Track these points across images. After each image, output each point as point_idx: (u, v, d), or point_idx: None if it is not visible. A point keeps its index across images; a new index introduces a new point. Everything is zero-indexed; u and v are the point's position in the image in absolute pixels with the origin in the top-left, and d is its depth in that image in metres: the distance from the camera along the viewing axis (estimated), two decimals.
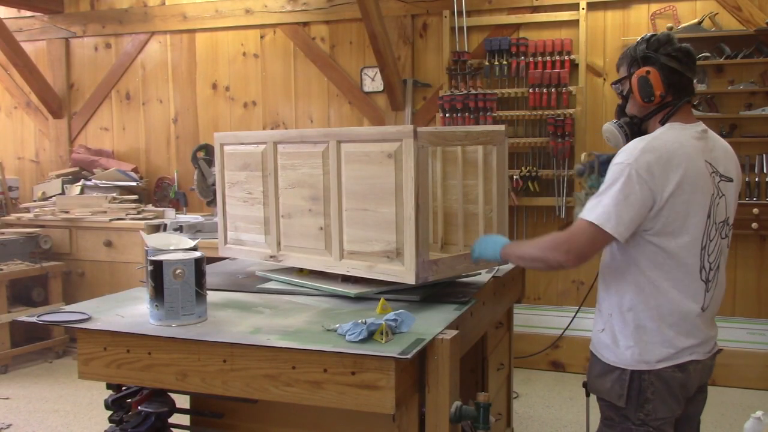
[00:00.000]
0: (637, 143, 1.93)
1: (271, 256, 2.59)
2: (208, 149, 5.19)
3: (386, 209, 2.16)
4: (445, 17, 4.91)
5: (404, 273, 2.14)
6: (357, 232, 2.28)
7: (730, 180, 2.03)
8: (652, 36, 2.04)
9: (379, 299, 2.12)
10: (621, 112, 2.13)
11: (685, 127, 2.00)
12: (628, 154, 1.90)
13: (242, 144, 2.68)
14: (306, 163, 2.41)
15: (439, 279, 2.24)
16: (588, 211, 1.90)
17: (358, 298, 2.28)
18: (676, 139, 1.94)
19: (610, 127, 2.11)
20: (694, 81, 2.09)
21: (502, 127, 2.42)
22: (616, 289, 2.00)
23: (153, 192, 5.87)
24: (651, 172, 1.87)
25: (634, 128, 2.07)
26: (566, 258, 1.90)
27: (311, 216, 2.41)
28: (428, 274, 2.16)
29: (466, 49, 4.87)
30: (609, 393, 2.01)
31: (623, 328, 1.98)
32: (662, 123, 2.01)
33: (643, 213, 1.88)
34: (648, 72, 1.98)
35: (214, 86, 5.70)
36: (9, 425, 3.92)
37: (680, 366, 1.96)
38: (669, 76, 1.98)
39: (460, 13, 4.86)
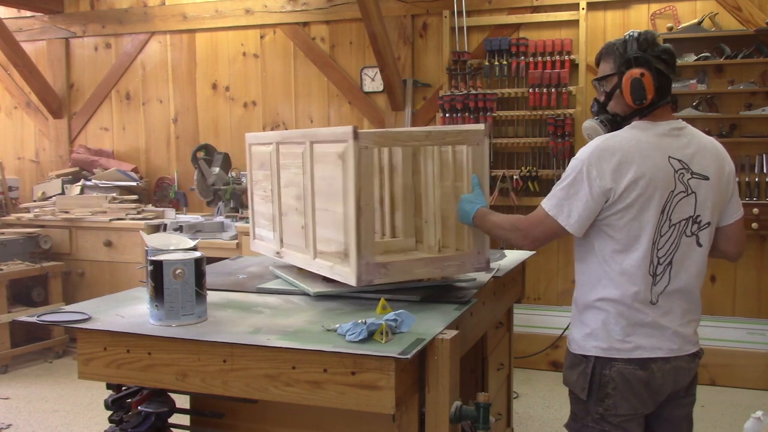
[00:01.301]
0: (595, 141, 1.99)
1: (276, 252, 2.66)
2: (208, 149, 5.20)
3: (339, 209, 2.16)
4: (445, 17, 4.91)
5: (349, 274, 2.13)
6: (322, 231, 2.30)
7: (706, 178, 2.00)
8: (641, 35, 2.04)
9: (337, 297, 2.13)
10: (602, 108, 2.13)
11: (652, 125, 2.00)
12: (584, 150, 1.98)
13: (261, 144, 2.77)
14: (293, 164, 2.46)
15: (389, 282, 2.19)
16: (547, 198, 2.02)
17: (320, 297, 2.33)
18: (633, 137, 1.97)
19: (592, 123, 2.12)
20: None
21: (480, 126, 2.37)
22: (580, 278, 2.09)
23: (153, 192, 5.87)
24: (602, 169, 1.92)
25: (616, 126, 2.08)
26: (524, 242, 2.07)
27: (297, 215, 2.46)
28: (373, 277, 2.12)
29: (466, 49, 4.87)
30: (574, 385, 2.06)
31: (586, 317, 2.04)
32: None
33: (593, 208, 1.95)
34: (642, 74, 1.98)
35: (214, 86, 5.70)
36: (9, 425, 3.92)
37: (641, 364, 1.97)
38: (657, 78, 1.99)
39: (460, 13, 4.86)
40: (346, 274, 2.15)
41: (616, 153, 1.93)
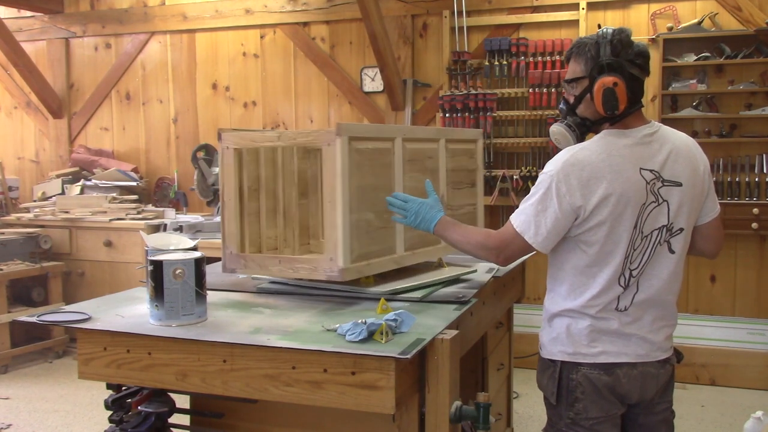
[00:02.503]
0: (564, 154, 1.91)
1: None
2: (208, 149, 5.19)
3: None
4: (445, 17, 4.91)
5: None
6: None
7: (678, 185, 1.92)
8: (615, 36, 1.91)
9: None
10: (571, 111, 2.03)
11: (622, 134, 1.93)
12: (554, 165, 1.90)
13: None
14: None
15: (249, 273, 2.44)
16: (516, 214, 1.95)
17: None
18: (604, 149, 1.89)
19: (559, 128, 2.03)
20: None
21: (332, 129, 2.20)
22: (551, 286, 2.05)
23: (153, 192, 5.87)
24: (570, 185, 1.86)
25: (585, 130, 2.01)
26: (497, 260, 2.00)
27: None
28: (235, 267, 2.40)
29: (466, 49, 4.87)
30: (545, 389, 2.05)
31: (554, 323, 2.02)
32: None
33: (562, 225, 1.89)
34: (615, 84, 1.88)
35: (214, 86, 5.70)
36: (9, 425, 3.92)
37: (606, 369, 1.94)
38: (631, 85, 1.89)
39: (460, 13, 4.86)
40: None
41: (585, 168, 1.86)
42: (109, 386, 2.18)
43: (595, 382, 1.95)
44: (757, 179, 4.38)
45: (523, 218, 1.92)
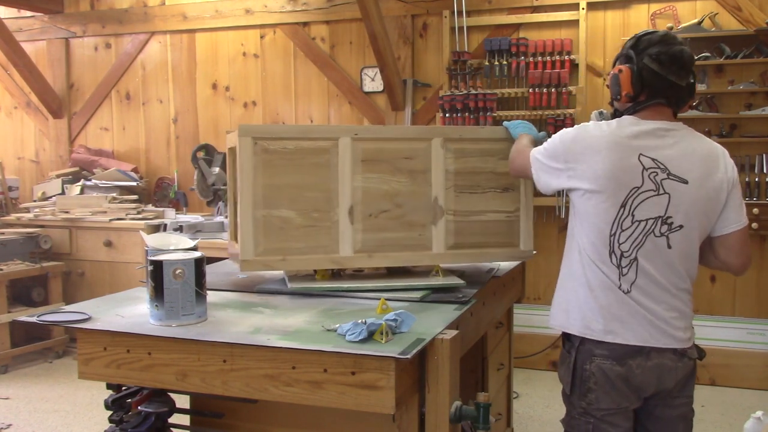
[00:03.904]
0: (580, 125, 2.10)
1: None
2: (208, 149, 5.19)
3: None
4: (445, 17, 4.91)
5: None
6: None
7: (684, 181, 1.98)
8: (645, 34, 2.06)
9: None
10: (611, 103, 2.23)
11: (637, 122, 2.03)
12: (568, 130, 2.10)
13: None
14: None
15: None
16: (535, 155, 2.18)
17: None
18: (611, 130, 2.02)
19: (592, 115, 2.37)
20: (693, 83, 2.07)
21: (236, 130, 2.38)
22: (567, 255, 2.15)
23: (153, 192, 5.87)
24: (572, 150, 2.03)
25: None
26: (509, 167, 2.44)
27: None
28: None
29: (466, 49, 4.87)
30: (562, 379, 2.13)
31: (566, 294, 2.10)
32: None
33: (558, 183, 2.09)
34: (620, 71, 2.05)
35: (214, 86, 5.70)
36: (9, 425, 3.92)
37: (618, 359, 1.99)
38: (647, 77, 2.01)
39: (460, 13, 4.86)
40: None
41: (586, 140, 2.01)
42: (109, 386, 2.18)
43: (608, 374, 1.99)
44: (757, 179, 4.38)
45: (537, 165, 2.15)
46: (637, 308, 1.99)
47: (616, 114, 2.13)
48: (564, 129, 2.12)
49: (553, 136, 2.14)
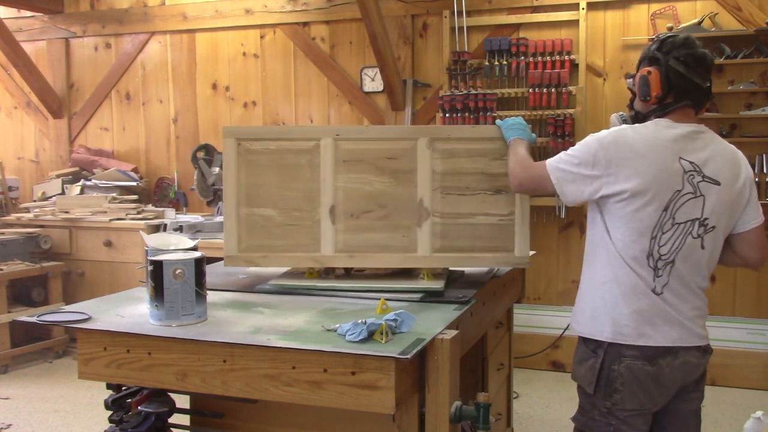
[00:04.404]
0: (615, 129, 2.06)
1: None
2: (208, 149, 5.19)
3: None
4: (445, 17, 4.91)
5: None
6: None
7: (717, 183, 2.02)
8: (669, 37, 2.09)
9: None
10: (630, 105, 2.21)
11: (672, 125, 2.04)
12: (604, 133, 2.04)
13: None
14: None
15: None
16: (554, 164, 2.11)
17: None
18: (649, 132, 2.01)
19: (613, 118, 2.26)
20: (707, 86, 2.12)
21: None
22: (589, 259, 2.13)
23: (153, 192, 5.87)
24: (610, 155, 1.98)
25: (637, 123, 2.12)
26: (512, 182, 2.28)
27: None
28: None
29: (466, 49, 4.87)
30: (582, 380, 2.10)
31: (593, 299, 2.08)
32: None
33: (591, 191, 2.02)
34: (649, 72, 2.05)
35: (214, 86, 5.70)
36: (9, 425, 3.92)
37: (649, 359, 1.99)
38: (674, 79, 2.04)
39: (460, 13, 4.86)
40: None
41: (628, 143, 1.99)
42: (109, 386, 2.19)
43: (638, 374, 2.00)
44: (757, 179, 4.38)
45: (559, 174, 2.08)
46: (668, 309, 2.01)
47: (637, 116, 2.14)
48: (593, 134, 2.06)
49: (583, 142, 2.07)
